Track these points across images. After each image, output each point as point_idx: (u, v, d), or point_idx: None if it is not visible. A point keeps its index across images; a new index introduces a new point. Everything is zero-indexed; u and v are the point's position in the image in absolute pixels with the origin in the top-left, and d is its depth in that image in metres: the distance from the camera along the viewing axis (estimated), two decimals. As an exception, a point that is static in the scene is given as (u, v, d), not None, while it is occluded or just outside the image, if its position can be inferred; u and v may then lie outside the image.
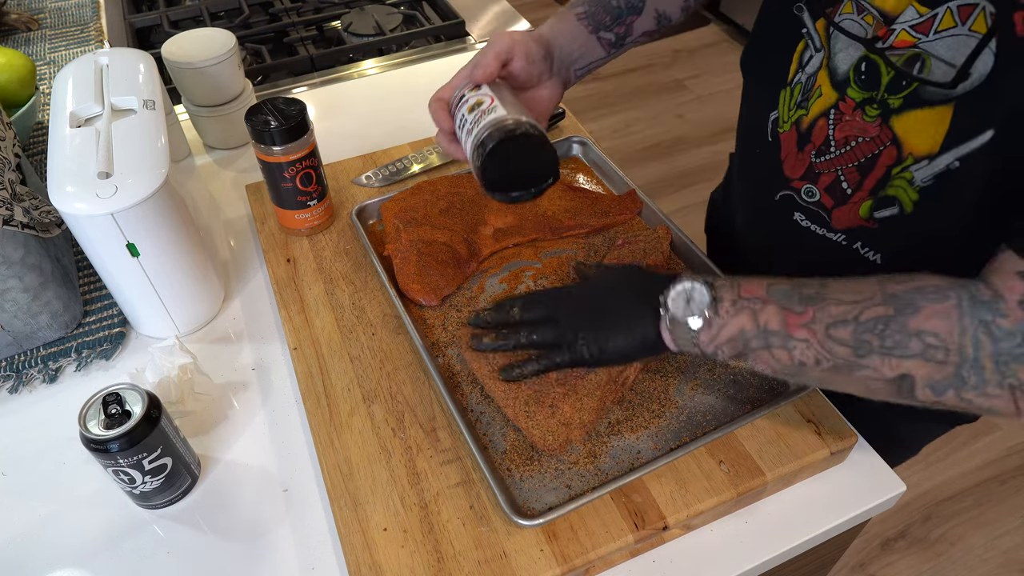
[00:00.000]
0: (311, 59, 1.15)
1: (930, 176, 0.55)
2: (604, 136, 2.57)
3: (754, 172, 0.74)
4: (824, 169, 0.62)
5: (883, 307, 0.48)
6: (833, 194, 0.63)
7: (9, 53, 0.95)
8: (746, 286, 0.53)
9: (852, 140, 0.59)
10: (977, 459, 1.67)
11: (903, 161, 0.56)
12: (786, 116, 0.64)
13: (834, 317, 0.49)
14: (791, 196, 0.67)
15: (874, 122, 0.57)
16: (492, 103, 0.59)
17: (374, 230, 0.82)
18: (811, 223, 0.67)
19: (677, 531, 0.58)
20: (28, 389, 0.71)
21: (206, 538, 0.60)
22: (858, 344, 0.49)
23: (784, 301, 0.52)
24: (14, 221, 0.66)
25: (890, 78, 0.55)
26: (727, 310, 0.53)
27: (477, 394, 0.64)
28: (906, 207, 0.58)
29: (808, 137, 0.62)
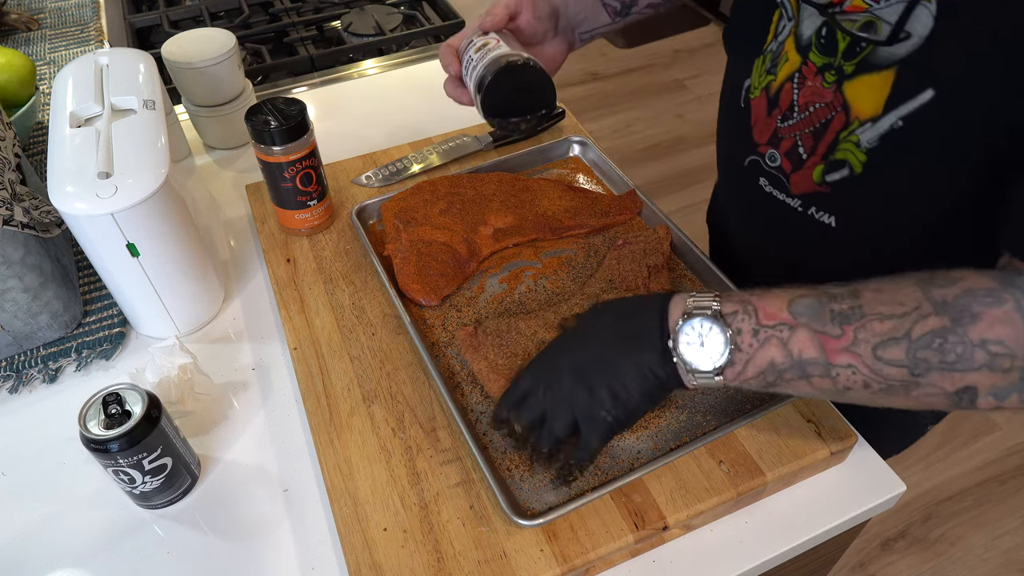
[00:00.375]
0: (311, 59, 1.15)
1: (875, 137, 0.57)
2: (604, 136, 2.57)
3: (729, 140, 0.76)
4: (786, 134, 0.64)
5: (936, 318, 0.44)
6: (791, 159, 0.65)
7: (9, 53, 0.95)
8: (764, 308, 0.49)
9: (811, 105, 0.61)
10: (977, 459, 1.67)
11: (850, 125, 0.58)
12: (757, 82, 0.66)
13: (880, 336, 0.45)
14: (757, 161, 0.69)
15: (830, 88, 0.58)
16: (497, 43, 0.65)
17: (374, 230, 0.82)
18: (773, 188, 0.68)
19: (677, 531, 0.58)
20: (28, 389, 0.71)
21: (206, 538, 0.60)
22: (914, 364, 0.45)
23: (815, 323, 0.47)
24: (14, 221, 0.66)
25: (846, 44, 0.56)
26: (749, 343, 0.49)
27: (477, 394, 0.64)
28: (855, 168, 0.60)
29: (776, 102, 0.64)
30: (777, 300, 0.49)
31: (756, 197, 0.71)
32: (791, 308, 0.48)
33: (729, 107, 0.73)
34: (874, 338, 0.45)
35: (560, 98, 1.02)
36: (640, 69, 2.90)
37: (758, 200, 0.71)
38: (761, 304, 0.49)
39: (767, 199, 0.69)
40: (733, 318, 0.49)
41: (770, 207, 0.69)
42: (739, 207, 0.79)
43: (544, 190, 0.83)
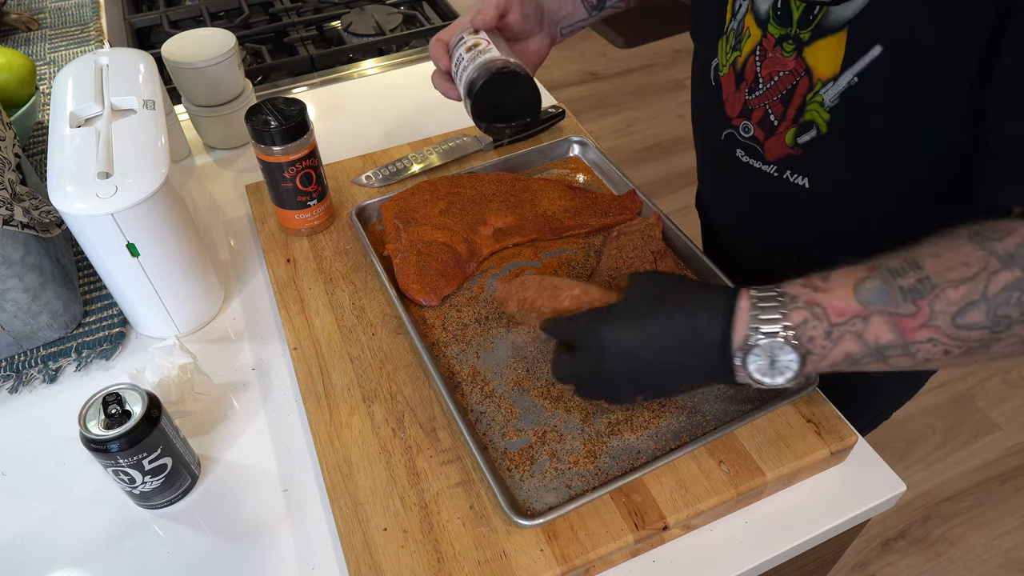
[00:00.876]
0: (311, 59, 1.15)
1: (836, 96, 0.59)
2: (604, 136, 2.57)
3: (702, 118, 0.79)
4: (755, 105, 0.67)
5: (1008, 272, 0.44)
6: (763, 127, 0.67)
7: (9, 53, 0.95)
8: (832, 305, 0.47)
9: (775, 75, 0.64)
10: (977, 459, 1.67)
11: (814, 87, 0.61)
12: (724, 60, 0.69)
13: (957, 303, 0.45)
14: (732, 134, 0.71)
15: (791, 56, 0.61)
16: (488, 45, 0.67)
17: (374, 230, 0.82)
18: (749, 158, 0.71)
19: (677, 531, 0.58)
20: (28, 389, 0.71)
21: (206, 538, 0.60)
22: (995, 322, 0.44)
23: (889, 306, 0.46)
24: (14, 221, 0.66)
25: (800, 12, 0.59)
26: (823, 345, 0.48)
27: (477, 394, 0.65)
28: (821, 128, 0.62)
29: (743, 76, 0.67)
30: (842, 291, 0.48)
31: (734, 168, 0.73)
32: (859, 296, 0.47)
33: (701, 88, 0.76)
34: (951, 307, 0.45)
35: (560, 98, 1.02)
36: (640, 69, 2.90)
37: (736, 171, 0.73)
38: (829, 301, 0.48)
39: (744, 169, 0.72)
40: (803, 328, 0.48)
41: (748, 176, 0.72)
42: (719, 182, 0.82)
43: (544, 190, 0.83)
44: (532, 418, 0.62)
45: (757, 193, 0.73)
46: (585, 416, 0.62)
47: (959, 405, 1.77)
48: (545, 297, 0.60)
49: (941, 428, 1.73)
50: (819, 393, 0.63)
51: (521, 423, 0.62)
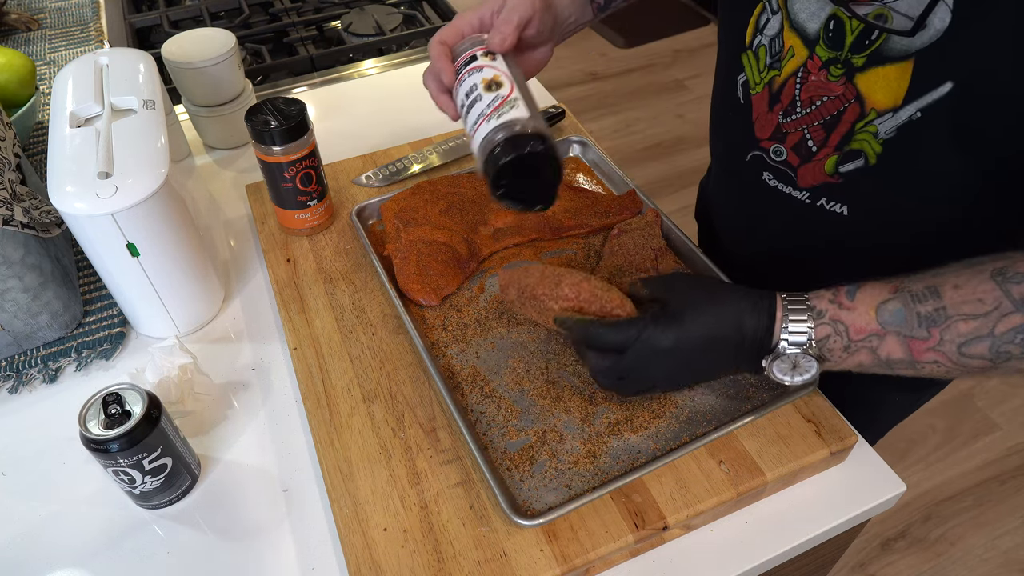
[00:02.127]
0: (311, 59, 1.15)
1: (893, 128, 0.58)
2: (604, 136, 2.57)
3: (727, 135, 0.76)
4: (791, 129, 0.65)
5: (1018, 315, 0.47)
6: (799, 152, 0.65)
7: (9, 53, 0.95)
8: (854, 324, 0.52)
9: (817, 100, 0.61)
10: (977, 459, 1.67)
11: (866, 116, 0.59)
12: (757, 79, 0.66)
13: (965, 336, 0.49)
14: (760, 156, 0.69)
15: (838, 81, 0.59)
16: (511, 94, 0.57)
17: (374, 230, 0.82)
18: (778, 182, 0.69)
19: (677, 531, 0.58)
20: (28, 389, 0.71)
21: (206, 538, 0.60)
22: (996, 355, 0.48)
23: (903, 329, 0.50)
24: (14, 221, 0.66)
25: (855, 37, 0.56)
26: (840, 357, 0.53)
27: (477, 394, 0.65)
28: (870, 159, 0.60)
29: (778, 97, 0.65)
30: (864, 310, 0.52)
31: (759, 192, 0.71)
32: (879, 317, 0.51)
33: (725, 103, 0.73)
34: (959, 338, 0.49)
35: (560, 98, 1.02)
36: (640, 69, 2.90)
37: (761, 195, 0.71)
38: (851, 320, 0.52)
39: (771, 193, 0.70)
40: (825, 342, 0.53)
41: (775, 201, 0.70)
42: (739, 202, 0.79)
43: (544, 190, 0.83)
44: (532, 418, 0.62)
45: (783, 216, 0.70)
46: (585, 416, 0.62)
47: (959, 405, 1.77)
48: (546, 285, 0.59)
49: (941, 428, 1.73)
50: (819, 393, 0.63)
51: (521, 423, 0.62)
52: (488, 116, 0.56)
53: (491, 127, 0.55)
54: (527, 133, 0.54)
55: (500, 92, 0.57)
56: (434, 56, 0.62)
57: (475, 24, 0.64)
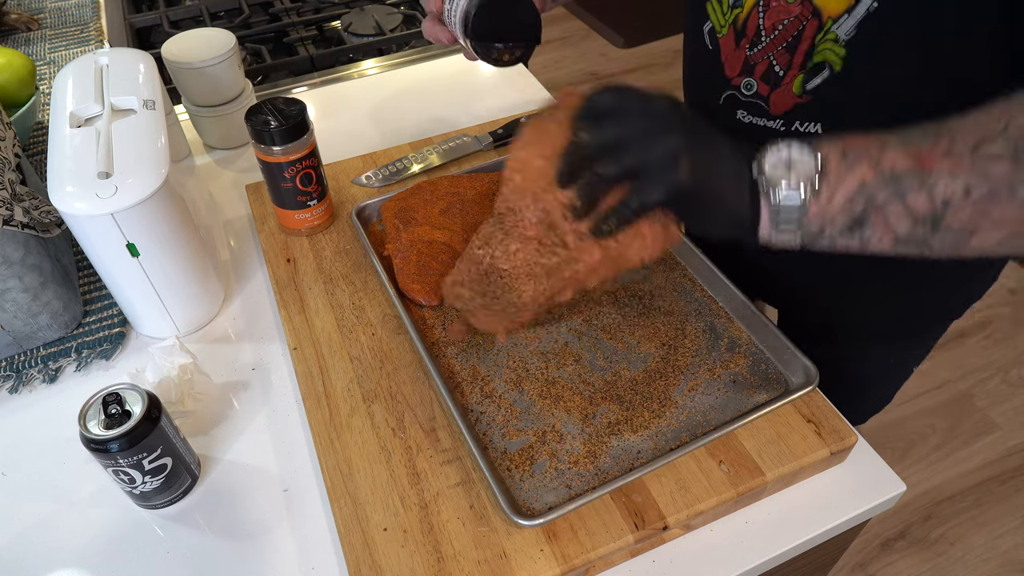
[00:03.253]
0: (311, 59, 1.15)
1: (852, 27, 0.57)
2: (604, 136, 2.57)
3: (697, 86, 0.77)
4: (758, 59, 0.66)
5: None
6: (768, 80, 0.66)
7: (9, 53, 0.95)
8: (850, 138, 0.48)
9: (779, 24, 0.62)
10: (977, 459, 1.67)
11: (824, 26, 0.59)
12: (722, 21, 0.67)
13: (977, 136, 0.44)
14: (733, 95, 0.70)
15: (795, 2, 0.60)
16: None
17: (374, 230, 0.82)
18: (752, 116, 0.69)
19: (677, 531, 0.58)
20: (28, 389, 0.71)
21: (206, 538, 0.60)
22: (1016, 150, 0.43)
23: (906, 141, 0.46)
24: (14, 221, 0.66)
25: None
26: (837, 166, 0.46)
27: (477, 394, 0.65)
28: (835, 66, 0.60)
29: (744, 32, 0.66)
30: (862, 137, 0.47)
31: (735, 130, 0.71)
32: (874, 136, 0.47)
33: (695, 55, 0.74)
34: (972, 139, 0.45)
35: (560, 98, 1.02)
36: (640, 69, 2.90)
37: (737, 132, 0.70)
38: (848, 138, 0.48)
39: (746, 129, 0.70)
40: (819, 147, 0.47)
41: (751, 137, 0.70)
42: None
43: (544, 190, 0.83)
44: (532, 418, 0.62)
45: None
46: (585, 416, 0.62)
47: (959, 405, 1.77)
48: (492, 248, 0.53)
49: (941, 428, 1.73)
50: (819, 393, 0.63)
51: (521, 423, 0.62)
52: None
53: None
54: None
55: None
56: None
57: None
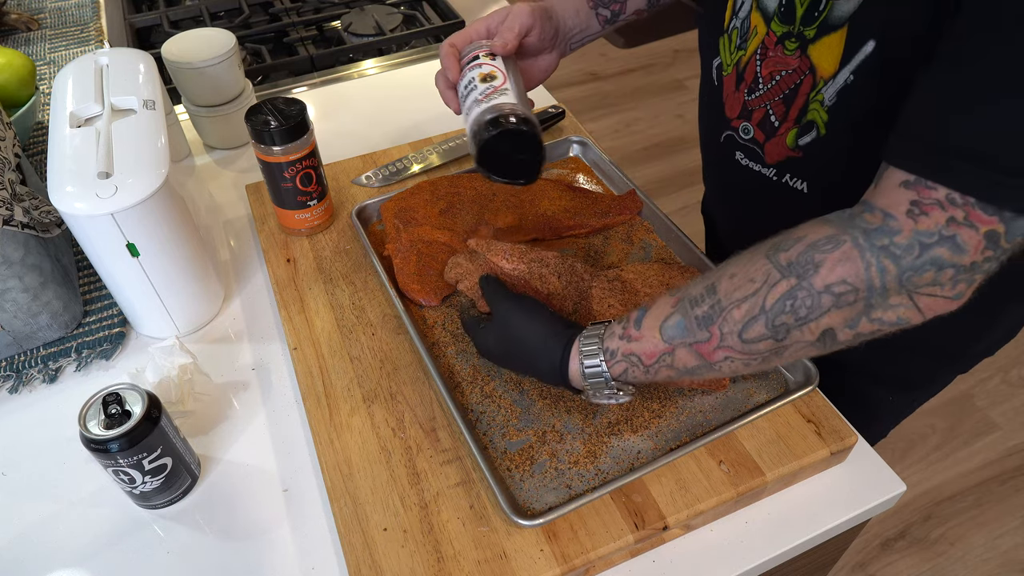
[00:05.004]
0: (311, 59, 1.15)
1: (833, 95, 0.59)
2: (604, 136, 2.57)
3: (706, 119, 0.78)
4: (756, 106, 0.66)
5: (784, 282, 0.48)
6: (764, 128, 0.67)
7: (9, 53, 0.95)
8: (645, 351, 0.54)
9: (776, 75, 0.63)
10: (977, 459, 1.67)
11: (816, 85, 0.60)
12: (728, 60, 0.68)
13: (741, 321, 0.49)
14: (732, 136, 0.71)
15: (794, 54, 0.60)
16: (504, 83, 0.63)
17: (374, 230, 0.82)
18: (749, 160, 0.70)
19: (677, 531, 0.58)
20: (28, 389, 0.71)
21: (206, 538, 0.60)
22: (775, 331, 0.49)
23: (686, 338, 0.52)
24: (14, 221, 0.66)
25: (804, 9, 0.58)
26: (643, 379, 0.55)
27: (477, 394, 0.65)
28: (821, 129, 0.62)
29: (743, 76, 0.66)
30: (651, 334, 0.54)
31: (734, 172, 0.72)
32: (664, 335, 0.53)
33: (705, 87, 0.75)
34: (736, 325, 0.50)
35: (560, 98, 1.02)
36: (640, 69, 2.90)
37: (736, 174, 0.72)
38: (642, 348, 0.54)
39: (744, 172, 0.71)
40: (624, 375, 0.56)
41: (748, 180, 0.71)
42: (721, 185, 0.82)
43: (544, 190, 0.83)
44: (532, 418, 0.62)
45: (756, 197, 0.72)
46: (585, 416, 0.62)
47: (959, 405, 1.77)
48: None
49: (941, 428, 1.73)
50: (819, 393, 0.63)
51: (521, 423, 0.62)
52: (480, 101, 0.62)
53: (481, 108, 0.62)
54: (511, 114, 0.60)
55: (493, 83, 0.64)
56: (443, 56, 0.69)
57: (482, 31, 0.70)
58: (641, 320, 0.55)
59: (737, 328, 0.49)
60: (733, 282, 0.50)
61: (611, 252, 0.78)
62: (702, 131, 0.81)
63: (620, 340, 0.55)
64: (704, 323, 0.51)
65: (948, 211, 0.44)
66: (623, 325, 0.56)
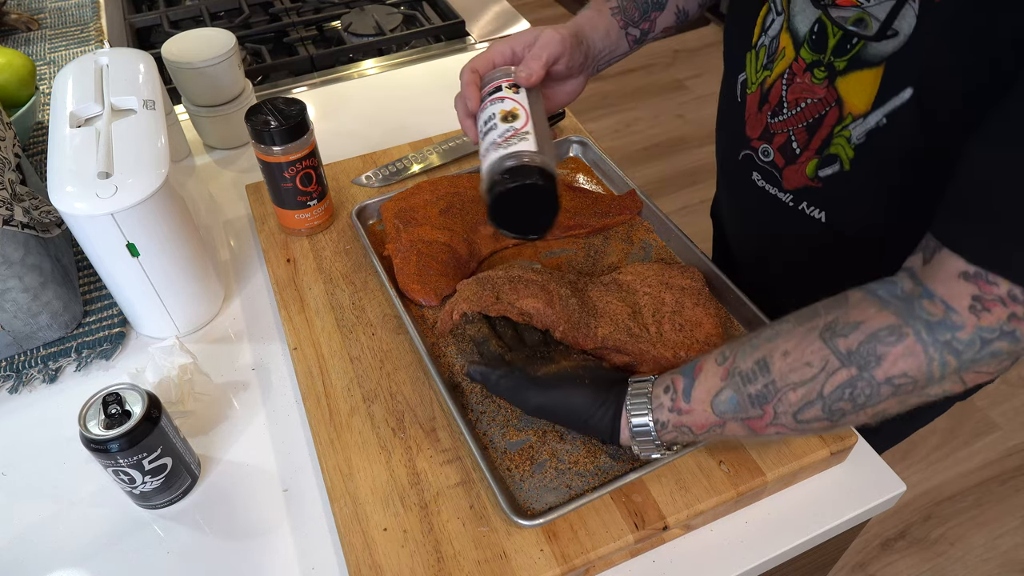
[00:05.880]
0: (311, 59, 1.15)
1: (863, 133, 0.58)
2: (604, 136, 2.57)
3: (724, 134, 0.76)
4: (778, 129, 0.65)
5: (844, 371, 0.47)
6: (785, 153, 0.65)
7: (9, 53, 0.95)
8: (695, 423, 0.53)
9: (802, 101, 0.61)
10: (977, 459, 1.67)
11: (843, 120, 0.59)
12: (754, 78, 0.66)
13: (797, 404, 0.49)
14: (751, 155, 0.70)
15: (821, 84, 0.59)
16: (525, 127, 0.59)
17: (374, 230, 0.82)
18: (766, 183, 0.69)
19: (677, 531, 0.58)
20: (28, 389, 0.71)
21: (206, 538, 0.60)
22: (831, 414, 0.49)
23: (738, 413, 0.51)
24: (14, 221, 0.66)
25: (836, 40, 0.57)
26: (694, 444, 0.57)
27: (477, 394, 0.64)
28: (845, 164, 0.61)
29: (767, 97, 0.65)
30: (701, 408, 0.53)
31: (750, 192, 0.71)
32: (715, 409, 0.52)
33: (726, 100, 0.73)
34: (792, 407, 0.49)
35: (560, 98, 1.02)
36: (640, 69, 2.90)
37: (751, 195, 0.71)
38: (692, 421, 0.53)
39: (760, 194, 0.70)
40: (675, 442, 0.56)
41: (763, 202, 0.70)
42: (734, 202, 0.80)
43: (544, 190, 0.83)
44: (532, 418, 0.62)
45: (769, 219, 0.71)
46: (585, 416, 0.62)
47: (959, 405, 1.76)
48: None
49: (941, 428, 1.73)
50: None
51: (521, 423, 0.62)
52: (499, 144, 0.58)
53: (499, 155, 0.57)
54: (530, 165, 0.56)
55: (514, 124, 0.59)
56: (464, 82, 0.64)
57: (507, 55, 0.65)
58: (690, 393, 0.53)
59: (792, 410, 0.49)
60: (787, 362, 0.49)
61: (611, 252, 0.78)
62: (719, 143, 0.80)
63: (670, 413, 0.54)
64: (758, 402, 0.50)
65: (1010, 307, 0.44)
66: (671, 396, 0.54)
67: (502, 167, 0.56)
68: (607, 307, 0.67)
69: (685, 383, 0.54)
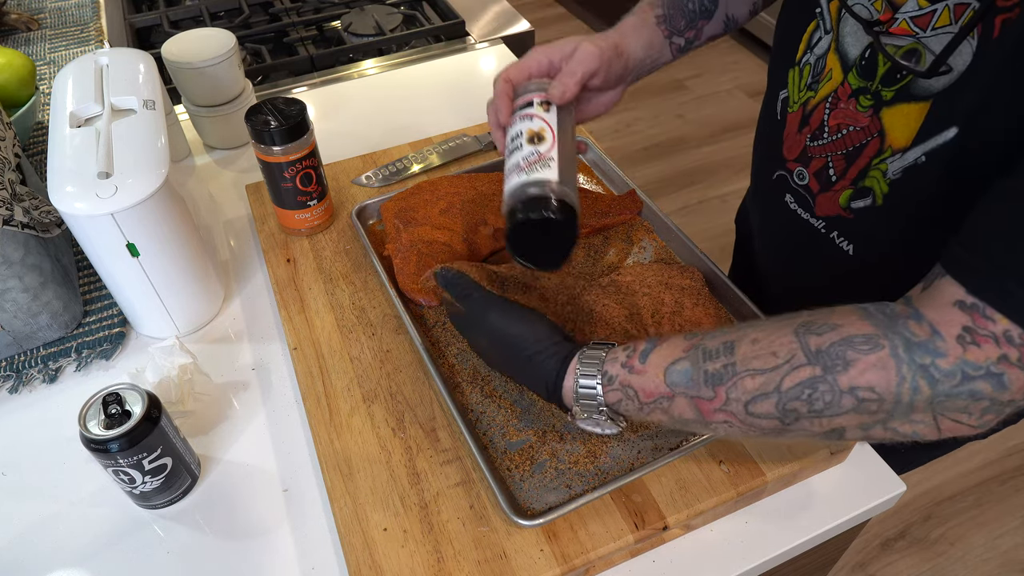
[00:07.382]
0: (311, 59, 1.15)
1: (900, 169, 0.56)
2: (604, 136, 2.57)
3: (761, 149, 0.75)
4: (816, 154, 0.63)
5: (808, 368, 0.44)
6: (820, 179, 0.64)
7: (9, 53, 0.95)
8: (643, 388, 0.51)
9: (844, 128, 0.60)
10: (977, 459, 1.67)
11: (883, 153, 0.57)
12: (796, 96, 0.64)
13: (751, 392, 0.46)
14: (785, 177, 0.68)
15: (866, 112, 0.57)
16: (550, 152, 0.57)
17: (374, 230, 0.82)
18: (798, 206, 0.68)
19: (677, 531, 0.58)
20: (28, 389, 0.71)
21: (206, 538, 0.60)
22: (784, 414, 0.46)
23: (691, 389, 0.48)
24: (14, 221, 0.66)
25: (886, 69, 0.55)
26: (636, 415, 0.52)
27: (477, 394, 0.64)
28: (877, 199, 0.59)
29: (808, 120, 0.63)
30: (654, 373, 0.50)
31: (780, 212, 0.70)
32: (667, 379, 0.49)
33: (766, 117, 0.71)
34: (745, 395, 0.46)
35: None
36: (640, 69, 2.90)
37: (782, 216, 0.70)
38: (641, 384, 0.51)
39: (791, 216, 0.69)
40: (618, 405, 0.53)
41: (793, 224, 0.69)
42: (764, 219, 0.79)
43: (544, 190, 0.83)
44: (532, 418, 0.62)
45: (799, 243, 0.70)
46: (585, 416, 0.62)
47: (959, 405, 1.77)
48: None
49: (941, 428, 1.72)
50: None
51: (521, 423, 0.62)
52: (522, 168, 0.57)
53: (521, 180, 0.56)
54: (549, 198, 0.54)
55: (539, 148, 0.57)
56: (497, 92, 0.62)
57: (544, 65, 0.63)
58: (648, 354, 0.51)
59: (745, 398, 0.46)
60: (754, 348, 0.47)
61: (611, 252, 0.78)
62: (755, 159, 0.77)
63: (621, 368, 0.52)
64: (712, 381, 0.47)
65: (1002, 348, 0.41)
66: (628, 353, 0.52)
67: (524, 195, 0.55)
68: (604, 311, 0.67)
69: (646, 346, 0.52)
